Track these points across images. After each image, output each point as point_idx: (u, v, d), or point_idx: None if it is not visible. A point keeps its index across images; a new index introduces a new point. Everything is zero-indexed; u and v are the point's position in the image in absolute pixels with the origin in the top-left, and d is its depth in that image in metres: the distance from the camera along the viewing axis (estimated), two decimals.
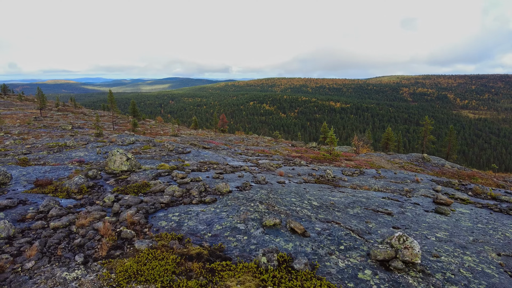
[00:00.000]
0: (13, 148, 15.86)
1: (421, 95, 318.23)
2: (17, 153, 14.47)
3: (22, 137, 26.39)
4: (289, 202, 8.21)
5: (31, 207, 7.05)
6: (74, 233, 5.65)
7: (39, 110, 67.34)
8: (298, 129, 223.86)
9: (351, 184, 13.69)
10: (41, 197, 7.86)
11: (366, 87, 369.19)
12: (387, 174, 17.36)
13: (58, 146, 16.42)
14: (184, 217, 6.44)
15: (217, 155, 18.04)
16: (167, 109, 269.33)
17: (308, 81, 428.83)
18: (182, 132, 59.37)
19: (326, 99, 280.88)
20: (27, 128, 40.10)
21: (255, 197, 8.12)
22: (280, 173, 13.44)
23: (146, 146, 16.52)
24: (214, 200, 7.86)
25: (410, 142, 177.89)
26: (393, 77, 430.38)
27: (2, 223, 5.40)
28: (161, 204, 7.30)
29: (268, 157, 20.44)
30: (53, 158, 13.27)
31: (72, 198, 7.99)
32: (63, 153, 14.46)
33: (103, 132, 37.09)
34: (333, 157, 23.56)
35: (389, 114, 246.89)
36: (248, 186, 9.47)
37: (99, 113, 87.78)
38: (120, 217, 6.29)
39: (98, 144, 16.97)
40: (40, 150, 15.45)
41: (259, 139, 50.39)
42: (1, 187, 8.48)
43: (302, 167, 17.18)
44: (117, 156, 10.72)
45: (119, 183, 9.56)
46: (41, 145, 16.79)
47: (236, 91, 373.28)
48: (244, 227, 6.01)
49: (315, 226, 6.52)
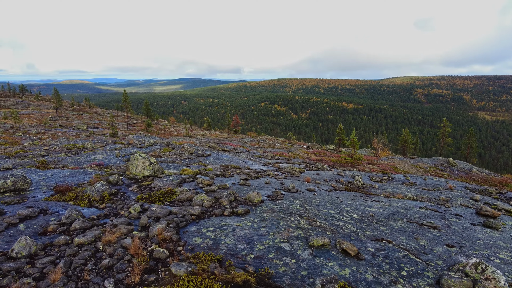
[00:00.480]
0: (31, 150, 15.54)
1: (435, 96, 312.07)
2: (35, 155, 14.11)
3: (39, 137, 26.30)
4: (328, 215, 7.48)
5: (52, 217, 6.50)
6: (101, 251, 5.05)
7: (55, 110, 68.10)
8: (310, 130, 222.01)
9: (383, 192, 12.85)
10: (62, 205, 7.32)
11: (379, 88, 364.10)
12: (417, 181, 16.41)
13: (76, 148, 16.03)
14: (219, 233, 5.77)
15: (237, 158, 17.40)
16: (179, 110, 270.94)
17: (320, 81, 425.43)
18: (195, 132, 59.11)
19: (338, 100, 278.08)
20: (44, 128, 40.34)
21: (291, 209, 7.42)
22: (307, 179, 12.70)
23: (166, 149, 15.98)
24: (247, 211, 7.18)
25: (424, 144, 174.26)
26: (406, 78, 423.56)
27: (23, 240, 4.83)
28: (191, 216, 6.66)
29: (288, 161, 19.70)
30: (72, 161, 12.83)
31: (95, 207, 7.43)
32: (82, 155, 14.03)
33: (118, 132, 36.95)
34: (355, 161, 22.66)
35: (402, 115, 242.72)
36: (279, 195, 8.77)
37: (113, 113, 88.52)
38: (150, 232, 5.66)
39: (116, 146, 16.53)
40: (58, 152, 15.08)
41: (273, 141, 49.65)
42: (21, 194, 7.99)
43: (326, 172, 16.38)
44: (140, 161, 10.16)
45: (143, 190, 8.98)
46: (59, 146, 16.44)
47: (248, 92, 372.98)
48: (290, 247, 5.31)
49: (367, 246, 5.77)
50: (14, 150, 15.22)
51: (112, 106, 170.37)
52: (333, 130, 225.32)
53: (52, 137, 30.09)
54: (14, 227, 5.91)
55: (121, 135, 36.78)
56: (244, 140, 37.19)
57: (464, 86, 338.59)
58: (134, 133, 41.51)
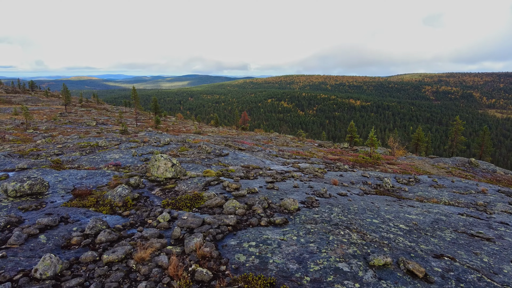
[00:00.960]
0: (44, 148, 15.02)
1: (444, 93, 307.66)
2: (49, 153, 13.58)
3: (50, 134, 25.93)
4: (374, 226, 6.77)
5: (75, 227, 5.89)
6: (135, 272, 4.41)
7: (64, 106, 68.09)
8: (317, 127, 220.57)
9: (416, 196, 12.08)
10: (83, 212, 6.72)
11: (387, 85, 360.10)
12: (445, 183, 15.58)
13: (90, 146, 15.49)
14: (264, 249, 5.10)
15: (255, 157, 16.73)
16: (186, 106, 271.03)
17: (327, 78, 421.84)
18: (204, 129, 58.59)
19: (346, 97, 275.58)
20: (54, 124, 40.09)
21: (334, 219, 6.72)
22: (334, 181, 11.98)
23: (183, 148, 15.35)
24: (285, 221, 6.50)
25: (433, 142, 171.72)
26: (415, 75, 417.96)
27: (47, 259, 4.21)
28: (227, 227, 6.00)
29: (306, 160, 18.97)
30: (87, 161, 12.27)
31: (118, 214, 6.81)
32: (97, 154, 13.47)
33: (127, 129, 36.50)
34: (374, 160, 21.85)
35: (410, 113, 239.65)
36: (314, 202, 8.08)
37: (121, 109, 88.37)
38: (186, 247, 5.01)
39: (131, 145, 15.94)
40: (72, 150, 14.55)
41: (283, 138, 48.85)
42: (38, 198, 7.40)
43: (349, 173, 15.63)
44: (161, 162, 9.53)
45: (167, 194, 8.35)
46: (72, 144, 15.92)
47: (254, 88, 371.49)
48: (348, 268, 4.62)
49: (432, 265, 5.06)
50: (27, 148, 14.72)
51: (120, 102, 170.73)
52: (340, 127, 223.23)
53: (62, 133, 29.74)
54: (35, 238, 5.31)
55: (131, 131, 36.34)
56: (256, 137, 36.49)
57: (474, 83, 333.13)
58: (143, 130, 41.04)
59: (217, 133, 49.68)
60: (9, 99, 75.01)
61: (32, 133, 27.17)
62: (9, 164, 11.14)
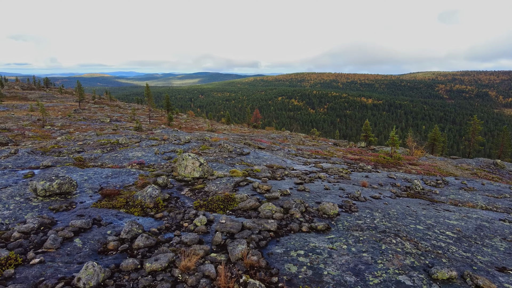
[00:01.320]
0: (65, 145, 14.92)
1: (458, 92, 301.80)
2: (70, 150, 13.45)
3: (68, 131, 26.02)
4: (419, 232, 6.34)
5: (108, 230, 5.62)
6: (181, 282, 4.08)
7: (78, 103, 68.85)
8: (327, 125, 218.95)
9: (449, 199, 11.55)
10: (115, 214, 6.45)
11: (400, 83, 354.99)
12: (475, 185, 14.94)
13: (110, 144, 15.33)
14: (315, 259, 4.73)
15: (276, 157, 16.36)
16: (196, 103, 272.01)
17: (338, 76, 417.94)
18: (216, 127, 58.45)
19: (357, 95, 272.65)
20: (69, 121, 40.43)
21: (379, 226, 6.31)
22: (363, 183, 11.52)
23: (204, 146, 15.07)
24: (327, 227, 6.12)
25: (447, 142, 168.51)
26: (428, 73, 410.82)
27: (90, 267, 3.92)
28: (269, 232, 5.64)
29: (327, 160, 18.51)
30: (110, 159, 12.08)
31: (150, 216, 6.52)
32: (118, 152, 13.28)
33: (141, 126, 36.51)
34: (395, 160, 21.24)
35: (423, 111, 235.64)
36: (352, 206, 7.67)
37: (133, 106, 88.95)
38: (231, 254, 4.68)
39: (152, 143, 15.73)
40: (93, 147, 14.40)
41: (296, 136, 48.32)
42: (67, 198, 7.18)
43: (374, 174, 15.13)
44: (189, 161, 9.23)
45: (197, 195, 8.04)
46: (92, 142, 15.79)
47: (265, 86, 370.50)
48: (411, 282, 4.21)
49: (500, 280, 4.62)
50: (48, 145, 14.64)
51: (132, 99, 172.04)
52: (352, 125, 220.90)
53: (78, 130, 29.90)
54: (70, 242, 5.05)
55: (145, 128, 36.34)
56: (271, 136, 36.10)
57: (490, 82, 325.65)
58: (156, 127, 41.03)
59: (229, 131, 49.46)
60: (25, 96, 76.23)
61: (49, 129, 27.32)
62: (34, 161, 11.01)
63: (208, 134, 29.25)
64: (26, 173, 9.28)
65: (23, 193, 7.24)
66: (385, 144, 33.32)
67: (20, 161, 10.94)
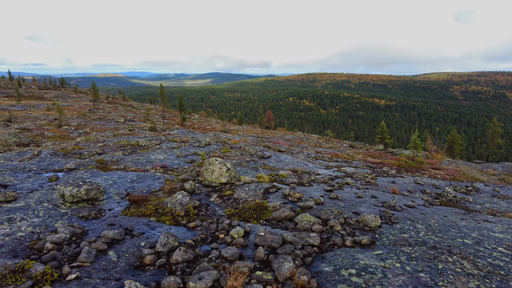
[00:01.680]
0: (86, 147, 14.83)
1: (474, 93, 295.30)
2: (91, 152, 13.32)
3: (85, 131, 26.12)
4: (469, 248, 5.86)
5: (142, 241, 5.34)
6: None
7: (92, 103, 69.67)
8: (339, 126, 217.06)
9: (485, 209, 10.96)
10: (146, 223, 6.17)
11: (413, 84, 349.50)
12: (508, 192, 14.25)
13: (130, 146, 15.18)
14: (369, 279, 4.34)
15: (297, 160, 15.96)
16: (208, 104, 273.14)
17: (350, 76, 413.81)
18: (228, 127, 58.28)
19: (369, 96, 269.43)
20: (84, 120, 40.76)
21: (426, 240, 5.86)
22: (393, 190, 11.04)
23: (225, 149, 14.77)
24: (372, 241, 5.71)
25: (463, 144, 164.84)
26: (442, 74, 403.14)
27: (133, 287, 3.62)
28: (312, 247, 5.27)
29: (348, 164, 18.02)
30: (132, 162, 11.88)
31: (182, 225, 6.23)
32: (140, 154, 13.08)
33: (156, 126, 36.53)
34: (418, 165, 20.58)
35: (437, 113, 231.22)
36: (392, 217, 7.24)
37: (146, 106, 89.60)
38: (278, 273, 4.32)
39: (173, 145, 15.51)
40: (113, 149, 14.26)
41: (311, 138, 47.71)
42: (95, 204, 6.94)
43: (400, 179, 14.59)
44: (216, 166, 8.92)
45: (226, 202, 7.73)
46: (112, 143, 15.67)
47: (276, 87, 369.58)
48: None
49: None
50: (69, 146, 14.57)
51: (144, 99, 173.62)
52: (364, 126, 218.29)
53: (93, 130, 30.06)
54: (104, 255, 4.77)
55: (159, 129, 36.35)
56: (287, 137, 35.66)
57: (508, 83, 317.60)
58: (170, 127, 41.06)
59: (242, 131, 49.18)
60: (42, 95, 77.55)
61: (67, 129, 27.50)
62: (56, 163, 10.88)
63: (223, 135, 29.00)
64: (51, 176, 9.12)
65: (51, 199, 7.04)
66: (406, 147, 32.48)
67: (44, 163, 10.82)
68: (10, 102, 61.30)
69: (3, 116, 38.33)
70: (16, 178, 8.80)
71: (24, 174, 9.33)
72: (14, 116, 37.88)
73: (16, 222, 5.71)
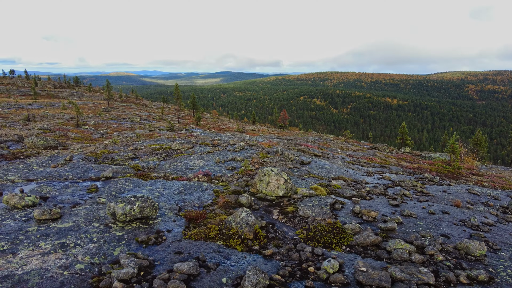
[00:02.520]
0: (115, 150, 14.09)
1: (490, 93, 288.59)
2: (123, 157, 12.56)
3: (106, 131, 25.54)
4: None
5: (222, 277, 4.45)
6: None
7: (107, 101, 69.67)
8: (351, 126, 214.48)
9: None
10: (215, 249, 5.29)
11: (426, 83, 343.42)
12: None
13: (163, 150, 14.37)
14: None
15: (336, 166, 14.97)
16: (218, 102, 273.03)
17: (362, 75, 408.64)
18: (243, 127, 57.40)
19: (382, 95, 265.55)
20: (100, 119, 40.35)
21: None
22: (457, 203, 9.99)
23: (263, 154, 13.86)
24: (490, 277, 4.74)
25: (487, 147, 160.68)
26: (457, 73, 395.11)
27: None
28: (427, 286, 4.33)
29: (387, 169, 16.96)
30: (171, 168, 11.05)
31: (256, 252, 5.33)
32: (177, 160, 12.25)
33: (174, 126, 35.88)
34: (456, 170, 19.37)
35: (451, 113, 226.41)
36: (489, 242, 6.23)
37: (159, 105, 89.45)
38: None
39: (207, 149, 14.66)
40: (146, 153, 13.48)
41: (321, 136, 46.48)
42: (149, 224, 6.10)
43: (451, 188, 13.47)
44: (272, 177, 8.02)
45: (292, 220, 6.81)
46: (143, 146, 14.89)
47: (287, 86, 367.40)
48: None
49: None
50: (98, 150, 13.85)
51: (156, 98, 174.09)
52: (376, 126, 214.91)
53: (110, 129, 29.51)
54: None
55: (175, 128, 35.67)
56: (310, 139, 34.59)
57: None
58: (186, 127, 40.38)
59: (259, 131, 48.22)
60: (57, 94, 77.97)
61: (87, 129, 26.96)
62: (91, 171, 10.13)
63: (244, 135, 28.10)
64: (89, 186, 8.35)
65: (99, 217, 6.24)
66: (428, 149, 31.13)
67: (78, 170, 10.08)
68: (27, 100, 61.61)
69: (21, 115, 38.18)
70: (54, 188, 8.06)
71: (61, 183, 8.58)
72: (32, 115, 37.69)
73: (71, 249, 4.90)
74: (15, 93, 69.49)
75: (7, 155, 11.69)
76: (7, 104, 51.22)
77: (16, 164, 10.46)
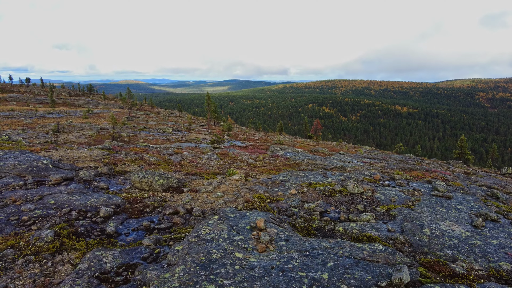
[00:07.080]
0: (268, 195, 10.33)
1: (502, 100, 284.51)
2: (306, 211, 8.82)
3: (173, 150, 21.90)
4: None
5: None
6: None
7: (124, 109, 66.57)
8: (360, 134, 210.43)
9: None
10: None
11: (436, 91, 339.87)
12: None
13: (337, 192, 10.69)
14: None
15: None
16: (227, 110, 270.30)
17: (371, 83, 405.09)
18: (273, 137, 53.53)
19: (391, 103, 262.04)
20: (132, 130, 36.87)
21: None
22: None
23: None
24: None
25: (488, 153, 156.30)
26: (467, 81, 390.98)
27: None
28: None
29: None
30: None
31: None
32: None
33: (220, 139, 32.27)
34: None
35: (462, 121, 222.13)
36: None
37: (174, 114, 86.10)
38: None
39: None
40: (311, 199, 9.76)
41: (356, 148, 42.76)
42: None
43: None
44: None
45: None
46: (306, 189, 11.11)
47: (295, 93, 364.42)
48: None
49: None
50: (240, 196, 10.20)
51: (165, 105, 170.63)
52: (386, 134, 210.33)
53: (148, 141, 26.03)
54: None
55: (221, 142, 32.07)
56: (394, 157, 30.68)
57: None
58: (223, 138, 36.80)
59: (293, 142, 44.46)
60: (73, 102, 75.03)
61: (145, 147, 23.25)
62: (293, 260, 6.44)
63: (308, 154, 24.44)
64: None
65: None
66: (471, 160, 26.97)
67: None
68: (46, 109, 58.42)
69: (47, 125, 34.69)
70: None
71: None
72: (61, 125, 34.24)
73: None
74: (32, 101, 66.47)
75: (127, 208, 7.90)
76: (28, 113, 48.02)
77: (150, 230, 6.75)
